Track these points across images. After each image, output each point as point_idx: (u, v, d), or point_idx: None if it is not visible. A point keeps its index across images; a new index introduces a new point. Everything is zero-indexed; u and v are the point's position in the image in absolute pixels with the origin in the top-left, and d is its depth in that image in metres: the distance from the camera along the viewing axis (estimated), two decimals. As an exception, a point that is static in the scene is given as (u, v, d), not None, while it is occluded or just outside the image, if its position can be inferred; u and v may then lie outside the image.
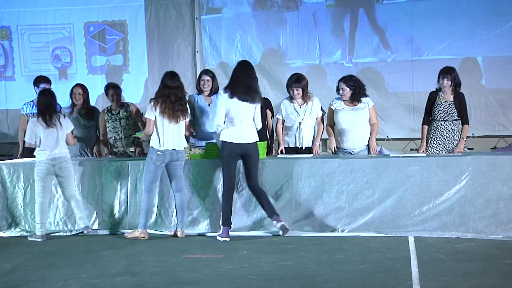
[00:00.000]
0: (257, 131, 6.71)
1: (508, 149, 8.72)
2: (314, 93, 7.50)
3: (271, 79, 9.44)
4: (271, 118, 7.71)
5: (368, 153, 7.13)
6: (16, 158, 8.11)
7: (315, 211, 6.58)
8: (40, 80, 8.15)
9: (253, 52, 9.54)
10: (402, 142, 9.22)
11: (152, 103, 6.57)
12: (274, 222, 6.46)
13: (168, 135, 6.53)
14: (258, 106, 6.60)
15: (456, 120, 7.28)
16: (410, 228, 6.38)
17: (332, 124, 7.31)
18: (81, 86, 8.06)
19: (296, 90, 7.29)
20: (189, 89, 9.49)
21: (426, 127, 7.41)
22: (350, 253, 5.75)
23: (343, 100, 7.22)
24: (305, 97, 7.34)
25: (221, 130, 6.53)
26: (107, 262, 5.68)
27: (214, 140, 7.01)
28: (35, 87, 8.12)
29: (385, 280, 4.84)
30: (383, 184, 6.46)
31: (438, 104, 7.31)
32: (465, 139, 7.28)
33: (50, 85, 8.20)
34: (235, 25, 9.60)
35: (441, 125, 7.28)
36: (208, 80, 7.56)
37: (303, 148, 7.35)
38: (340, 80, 7.24)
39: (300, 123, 7.35)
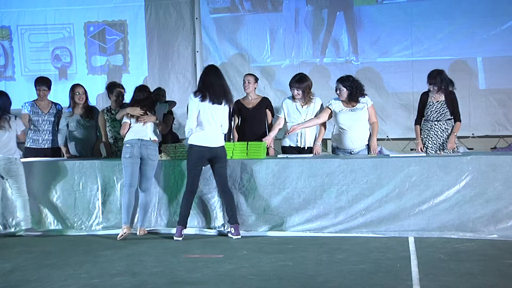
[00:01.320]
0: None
1: (508, 149, 8.72)
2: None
3: (271, 79, 9.45)
4: (271, 117, 7.72)
5: (368, 153, 7.13)
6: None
7: (315, 211, 6.58)
8: (39, 81, 8.15)
9: (253, 52, 9.54)
10: (402, 142, 9.22)
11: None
12: (232, 229, 6.54)
13: (135, 130, 6.81)
14: (227, 109, 6.63)
15: (449, 119, 7.32)
16: (410, 228, 6.37)
17: (320, 116, 7.29)
18: (81, 85, 8.07)
19: (297, 90, 7.29)
20: (189, 89, 9.54)
21: (418, 127, 7.53)
22: (350, 253, 5.75)
23: (341, 100, 7.22)
24: (307, 98, 7.33)
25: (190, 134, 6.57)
26: (107, 262, 5.68)
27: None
28: (36, 89, 8.12)
29: (385, 280, 4.84)
30: (383, 184, 6.46)
31: (430, 105, 7.37)
32: (456, 135, 7.32)
33: (50, 85, 8.19)
34: (235, 25, 9.60)
35: (435, 125, 7.32)
36: None
37: (305, 148, 7.36)
38: (337, 81, 7.25)
39: (301, 123, 7.36)
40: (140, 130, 6.83)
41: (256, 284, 4.84)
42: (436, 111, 7.33)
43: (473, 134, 8.98)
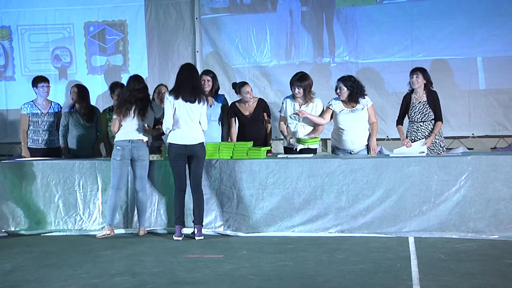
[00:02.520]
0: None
1: (508, 149, 8.72)
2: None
3: (271, 79, 9.44)
4: (268, 117, 7.70)
5: (368, 153, 7.13)
6: (17, 158, 8.12)
7: (315, 211, 6.58)
8: (38, 80, 8.15)
9: (253, 52, 9.54)
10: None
11: (116, 106, 6.93)
12: (195, 230, 6.57)
13: (125, 130, 6.80)
14: (204, 107, 6.66)
15: (433, 119, 7.31)
16: (410, 228, 6.37)
17: (324, 116, 7.29)
18: (78, 85, 8.08)
19: (298, 88, 7.29)
20: (189, 89, 9.52)
21: (400, 127, 7.52)
22: (350, 253, 5.75)
23: (341, 100, 7.22)
24: (307, 97, 7.34)
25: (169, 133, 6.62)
26: (107, 262, 5.68)
27: (217, 140, 7.03)
28: (34, 88, 8.12)
29: (385, 280, 4.84)
30: (383, 184, 6.46)
31: (413, 106, 7.39)
32: (435, 135, 7.27)
33: (49, 84, 8.20)
34: (235, 25, 9.59)
35: (421, 126, 7.33)
36: (208, 80, 7.60)
37: (303, 149, 7.35)
38: (338, 80, 7.26)
39: (296, 124, 7.37)
40: (130, 130, 6.82)
41: (256, 284, 4.84)
42: (419, 112, 7.33)
43: (473, 134, 8.98)
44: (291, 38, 9.47)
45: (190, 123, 6.57)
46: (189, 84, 6.61)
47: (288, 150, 7.40)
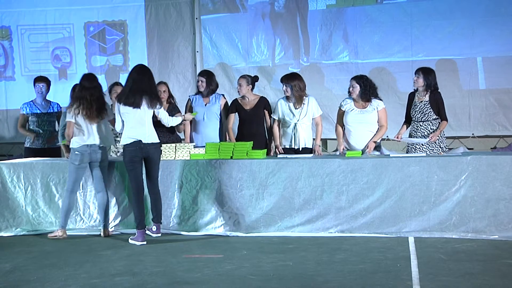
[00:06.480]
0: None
1: (508, 149, 8.72)
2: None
3: (270, 79, 9.45)
4: (270, 117, 7.72)
5: (363, 151, 7.09)
6: (16, 158, 8.12)
7: (315, 211, 6.58)
8: (36, 79, 8.16)
9: (253, 52, 9.55)
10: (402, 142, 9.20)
11: (69, 107, 6.75)
12: (153, 228, 6.62)
13: (87, 135, 6.69)
14: (157, 108, 6.59)
15: (435, 119, 7.31)
16: (410, 228, 6.37)
17: (341, 124, 7.33)
18: None
19: (286, 86, 7.35)
20: (189, 89, 9.56)
21: (405, 126, 7.54)
22: (350, 253, 5.75)
23: (353, 100, 7.23)
24: (296, 97, 7.34)
25: (121, 136, 6.60)
26: (107, 262, 5.68)
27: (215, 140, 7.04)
28: (35, 87, 8.13)
29: (385, 280, 4.84)
30: (383, 184, 6.46)
31: (414, 105, 7.39)
32: (441, 131, 7.26)
33: (47, 84, 8.20)
34: (235, 25, 9.60)
35: (421, 125, 7.32)
36: (202, 81, 7.71)
37: (300, 149, 7.36)
38: (352, 78, 7.28)
39: (295, 124, 7.37)
40: (88, 134, 6.71)
41: (256, 284, 4.84)
42: (420, 111, 7.32)
43: (473, 134, 8.98)
44: (290, 38, 9.47)
45: (141, 124, 6.50)
46: (134, 89, 6.46)
47: (285, 151, 7.40)
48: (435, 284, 4.69)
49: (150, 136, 6.55)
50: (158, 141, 6.64)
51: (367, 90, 7.16)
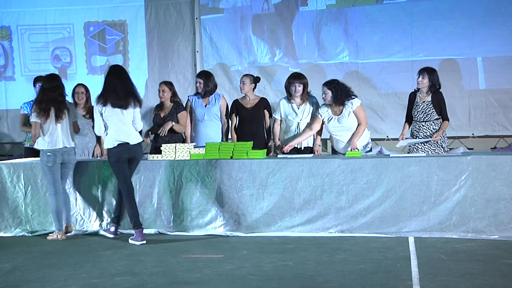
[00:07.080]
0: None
1: (508, 149, 8.73)
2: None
3: (270, 79, 9.45)
4: (269, 118, 7.73)
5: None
6: (16, 158, 8.12)
7: (315, 211, 6.58)
8: (39, 79, 8.15)
9: (253, 52, 9.55)
10: (402, 142, 9.22)
11: (33, 107, 6.72)
12: (111, 228, 6.73)
13: (54, 135, 6.68)
14: (137, 110, 6.60)
15: (437, 119, 7.31)
16: (410, 228, 6.37)
17: (315, 128, 7.29)
18: (83, 85, 8.09)
19: (298, 86, 7.32)
20: (189, 89, 9.56)
21: (406, 125, 7.53)
22: (350, 253, 5.75)
23: (328, 106, 7.21)
24: (304, 96, 7.35)
25: (104, 138, 6.59)
26: (107, 262, 5.69)
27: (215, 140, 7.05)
28: (34, 87, 8.13)
29: (385, 280, 4.84)
30: (383, 184, 6.46)
31: (416, 105, 7.38)
32: (443, 130, 7.28)
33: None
34: (235, 25, 9.60)
35: (423, 125, 7.32)
36: (200, 83, 7.76)
37: (302, 149, 7.37)
38: (323, 84, 7.25)
39: (298, 123, 7.38)
40: (57, 135, 6.70)
41: (256, 284, 4.84)
42: (422, 111, 7.32)
43: (473, 134, 8.99)
44: (290, 38, 9.47)
45: (123, 126, 6.50)
46: (116, 89, 6.45)
47: (292, 149, 7.39)
48: (435, 284, 4.69)
49: (135, 137, 6.59)
50: (141, 139, 6.70)
51: (339, 94, 7.13)
